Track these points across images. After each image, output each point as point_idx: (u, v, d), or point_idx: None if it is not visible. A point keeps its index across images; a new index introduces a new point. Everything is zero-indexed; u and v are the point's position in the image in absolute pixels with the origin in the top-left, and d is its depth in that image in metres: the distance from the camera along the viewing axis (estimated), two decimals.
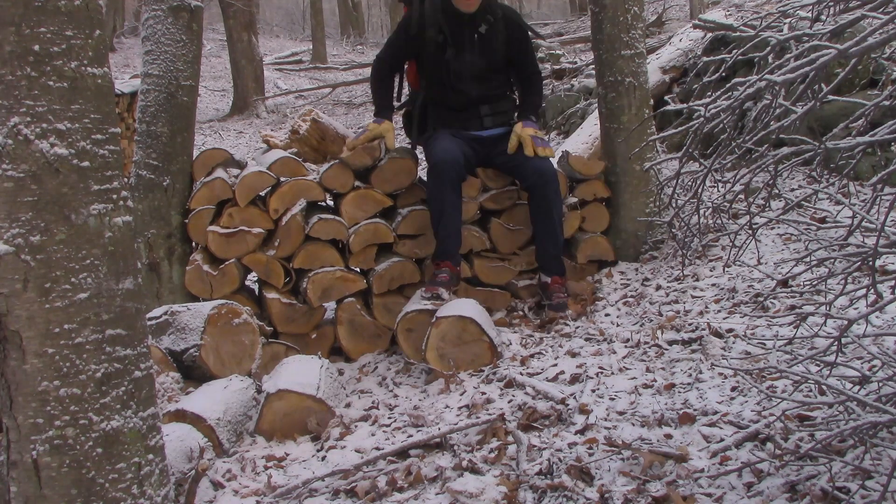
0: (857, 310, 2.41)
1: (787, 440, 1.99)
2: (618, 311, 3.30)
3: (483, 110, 3.62)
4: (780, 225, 3.40)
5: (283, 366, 2.83)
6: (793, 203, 2.10)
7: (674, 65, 6.29)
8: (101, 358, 1.50)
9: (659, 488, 1.88)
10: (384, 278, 3.46)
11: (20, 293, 1.43)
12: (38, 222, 1.43)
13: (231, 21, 13.53)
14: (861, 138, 1.77)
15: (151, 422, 1.61)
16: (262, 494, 2.16)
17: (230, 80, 14.56)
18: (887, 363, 1.88)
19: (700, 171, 2.44)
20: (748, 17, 6.03)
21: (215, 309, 2.87)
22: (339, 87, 14.63)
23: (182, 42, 3.53)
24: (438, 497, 2.01)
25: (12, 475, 1.49)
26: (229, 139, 11.75)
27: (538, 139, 3.48)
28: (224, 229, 3.41)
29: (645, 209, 3.78)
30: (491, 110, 3.64)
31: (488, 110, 3.63)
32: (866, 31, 1.60)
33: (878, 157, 3.58)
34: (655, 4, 13.39)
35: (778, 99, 1.90)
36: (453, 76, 3.52)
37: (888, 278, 2.02)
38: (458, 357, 2.93)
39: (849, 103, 3.37)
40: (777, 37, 1.89)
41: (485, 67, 3.55)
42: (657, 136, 3.31)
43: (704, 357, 2.61)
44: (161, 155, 3.49)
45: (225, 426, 2.46)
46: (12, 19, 1.40)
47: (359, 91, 14.49)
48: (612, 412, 2.35)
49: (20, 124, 1.41)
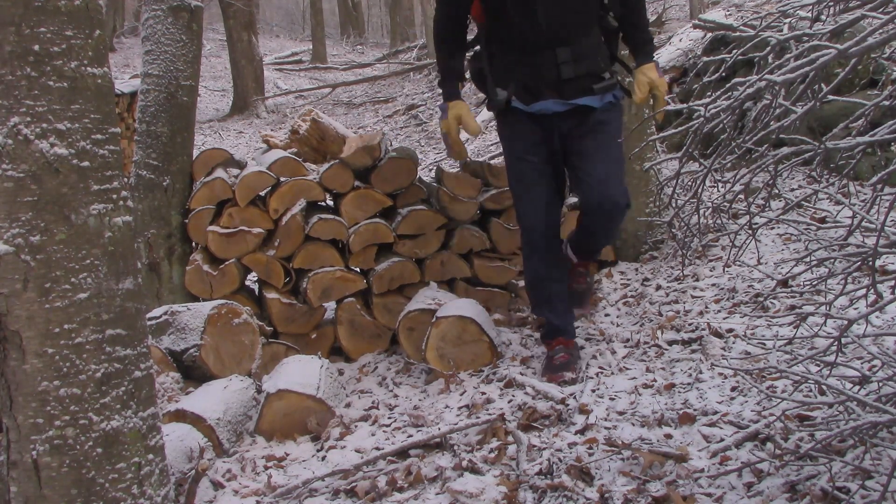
0: (857, 310, 2.41)
1: (787, 440, 1.99)
2: (618, 311, 3.30)
3: (561, 55, 2.61)
4: (780, 225, 3.40)
5: (283, 366, 2.83)
6: (793, 203, 2.10)
7: (674, 65, 6.29)
8: (101, 358, 1.50)
9: (659, 488, 1.88)
10: (384, 278, 3.46)
11: (20, 293, 1.43)
12: (38, 222, 1.43)
13: (231, 21, 13.53)
14: (861, 138, 1.77)
15: (151, 422, 1.61)
16: (262, 494, 2.16)
17: (230, 80, 14.56)
18: (887, 363, 1.88)
19: (700, 171, 2.43)
20: (748, 17, 6.04)
21: (215, 309, 2.87)
22: (339, 87, 14.63)
23: (182, 42, 3.53)
24: (438, 497, 2.01)
25: (12, 475, 1.49)
26: (229, 139, 11.74)
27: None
28: (224, 229, 3.41)
29: (645, 209, 3.78)
30: (572, 54, 2.62)
31: (568, 54, 2.62)
32: (866, 31, 1.60)
33: (878, 157, 3.58)
34: (655, 4, 13.37)
35: (778, 99, 1.90)
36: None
37: (888, 278, 2.01)
38: (458, 357, 2.93)
39: (849, 103, 3.37)
40: (777, 37, 1.89)
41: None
42: (657, 136, 3.31)
43: (704, 357, 2.61)
44: (161, 155, 3.49)
45: (225, 426, 2.46)
46: (12, 19, 1.40)
47: (359, 91, 14.49)
48: (612, 412, 2.35)
49: (20, 124, 1.41)
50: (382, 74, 15.01)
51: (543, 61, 2.63)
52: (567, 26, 2.61)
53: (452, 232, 3.55)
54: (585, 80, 2.66)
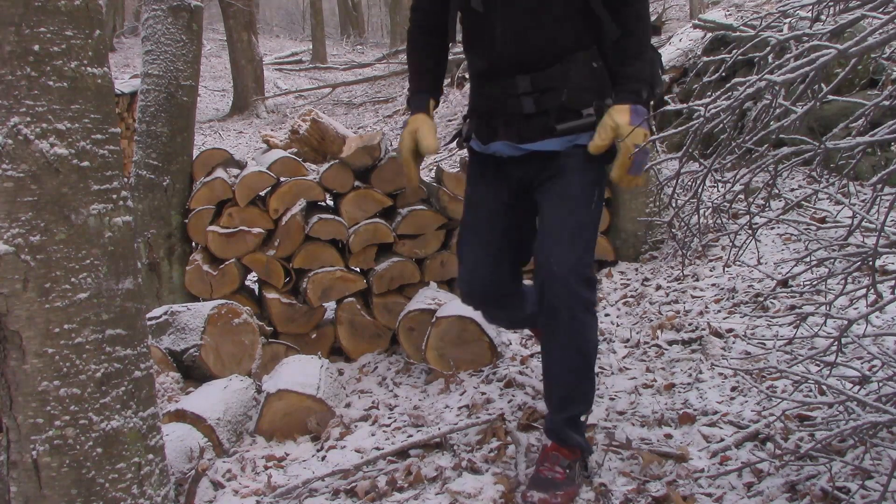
0: (857, 310, 2.41)
1: (787, 440, 1.99)
2: (618, 311, 3.30)
3: (521, 84, 1.98)
4: (780, 225, 3.40)
5: (283, 366, 2.83)
6: (793, 203, 2.10)
7: (674, 65, 6.29)
8: (101, 358, 1.50)
9: (659, 488, 1.88)
10: (384, 278, 3.46)
11: (20, 293, 1.43)
12: (38, 222, 1.43)
13: (231, 21, 13.53)
14: (861, 138, 1.77)
15: (151, 422, 1.61)
16: (262, 494, 2.16)
17: (230, 80, 14.56)
18: (887, 363, 1.88)
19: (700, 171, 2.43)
20: (748, 17, 6.04)
21: (215, 309, 2.87)
22: (339, 86, 14.61)
23: (182, 42, 3.53)
24: (438, 497, 2.01)
25: (12, 475, 1.49)
26: (229, 139, 11.75)
27: (640, 156, 1.92)
28: (224, 229, 3.41)
29: (645, 209, 3.78)
30: (533, 84, 1.97)
31: (528, 84, 1.97)
32: (866, 31, 1.60)
33: (878, 157, 3.58)
34: (655, 4, 13.38)
35: (778, 99, 1.90)
36: (472, 1, 1.98)
37: (888, 278, 2.02)
38: (458, 357, 2.93)
39: (849, 103, 3.37)
40: (777, 37, 1.89)
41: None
42: (657, 136, 3.31)
43: (704, 357, 2.61)
44: (161, 155, 3.49)
45: (225, 426, 2.46)
46: (12, 19, 1.40)
47: (358, 91, 14.48)
48: (612, 412, 2.35)
49: (20, 124, 1.41)
50: (382, 74, 15.00)
51: (501, 91, 2.01)
52: (533, 48, 1.96)
53: (452, 232, 3.55)
54: (555, 117, 1.98)
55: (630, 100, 1.92)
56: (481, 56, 2.04)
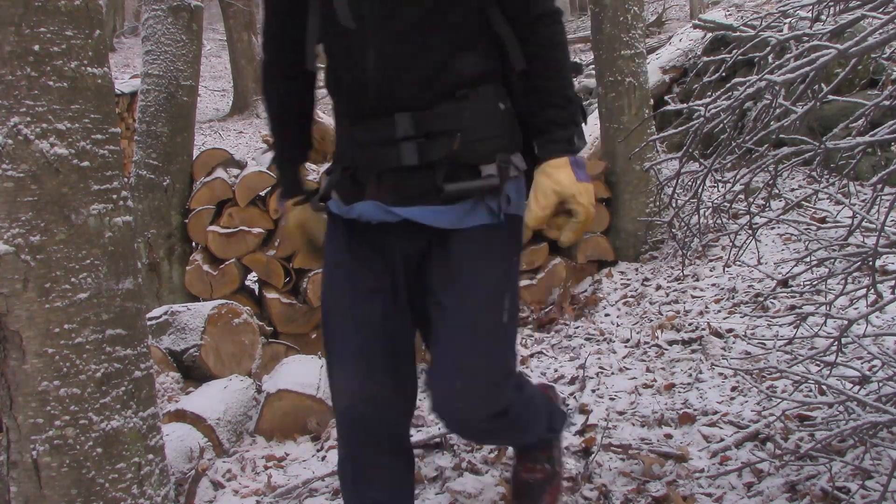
0: (857, 310, 2.41)
1: (787, 440, 1.99)
2: (618, 311, 3.30)
3: (400, 124, 1.44)
4: (780, 225, 3.40)
5: (283, 366, 2.83)
6: (793, 203, 2.11)
7: (674, 65, 6.29)
8: (101, 358, 1.49)
9: (659, 488, 1.88)
10: None
11: (20, 293, 1.43)
12: (38, 222, 1.43)
13: (231, 21, 13.54)
14: (861, 138, 1.77)
15: (151, 422, 1.61)
16: (262, 494, 2.16)
17: (230, 80, 14.56)
18: (887, 363, 1.88)
19: (700, 171, 2.43)
20: (748, 17, 6.04)
21: (215, 309, 2.87)
22: None
23: (182, 42, 3.53)
24: (438, 497, 2.00)
25: (12, 475, 1.49)
26: (229, 139, 11.75)
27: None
28: (224, 229, 3.41)
29: (645, 209, 3.78)
30: (414, 126, 1.44)
31: (409, 125, 1.44)
32: (866, 31, 1.60)
33: (878, 157, 3.58)
34: (655, 4, 13.38)
35: (778, 99, 1.90)
36: (339, 14, 1.47)
37: (888, 278, 2.02)
38: None
39: (849, 103, 3.37)
40: (777, 37, 1.89)
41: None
42: (657, 136, 3.31)
43: (704, 357, 2.61)
44: (161, 155, 3.49)
45: (225, 426, 2.46)
46: (12, 19, 1.40)
47: None
48: (612, 412, 2.35)
49: (20, 124, 1.41)
50: None
51: (375, 136, 1.48)
52: (416, 77, 1.44)
53: None
54: (444, 173, 1.44)
55: (564, 150, 1.43)
56: (350, 89, 1.52)
